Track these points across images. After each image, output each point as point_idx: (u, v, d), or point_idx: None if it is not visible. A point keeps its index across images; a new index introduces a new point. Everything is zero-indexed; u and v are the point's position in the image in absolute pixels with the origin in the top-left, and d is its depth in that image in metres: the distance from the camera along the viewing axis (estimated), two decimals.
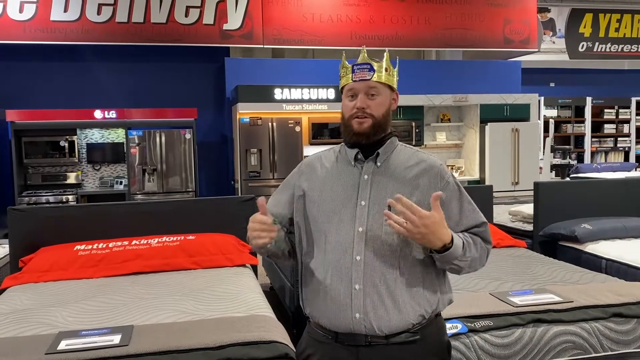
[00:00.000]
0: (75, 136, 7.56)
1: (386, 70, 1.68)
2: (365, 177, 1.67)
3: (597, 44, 10.26)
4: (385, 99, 1.69)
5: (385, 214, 1.51)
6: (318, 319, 1.69)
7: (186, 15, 7.43)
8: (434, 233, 1.52)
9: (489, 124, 8.27)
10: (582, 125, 10.65)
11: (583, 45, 10.22)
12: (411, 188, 1.65)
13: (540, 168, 8.38)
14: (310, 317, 1.74)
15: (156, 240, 3.52)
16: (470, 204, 1.72)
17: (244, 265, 3.52)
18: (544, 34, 9.97)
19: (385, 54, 1.70)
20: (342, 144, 1.77)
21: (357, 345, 1.63)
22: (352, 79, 1.67)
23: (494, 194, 4.64)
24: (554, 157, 8.96)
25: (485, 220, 1.73)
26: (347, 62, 1.70)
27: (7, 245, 3.73)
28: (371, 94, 1.66)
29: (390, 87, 1.71)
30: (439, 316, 1.74)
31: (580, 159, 10.60)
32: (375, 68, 1.66)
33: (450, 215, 1.67)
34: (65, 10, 7.07)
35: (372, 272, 1.60)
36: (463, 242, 1.61)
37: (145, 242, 3.50)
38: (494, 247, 3.88)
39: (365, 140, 1.67)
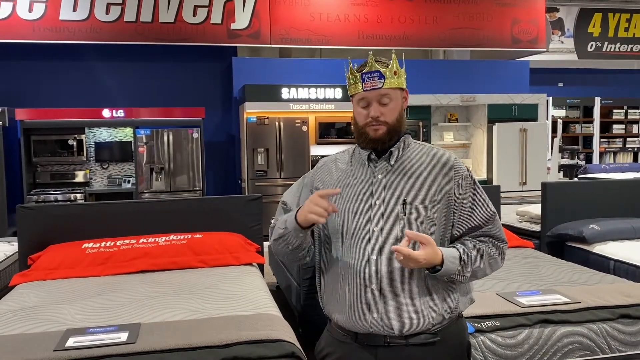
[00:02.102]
0: (84, 135, 7.61)
1: (395, 73, 1.66)
2: (379, 176, 1.68)
3: (606, 43, 10.20)
4: (397, 103, 1.68)
5: (395, 249, 1.53)
6: (337, 319, 1.69)
7: (194, 15, 7.46)
8: (428, 263, 1.57)
9: (496, 124, 8.24)
10: (591, 125, 10.59)
11: (592, 45, 10.15)
12: (425, 185, 1.66)
13: (548, 168, 8.34)
14: (329, 317, 1.74)
15: (163, 238, 3.53)
16: (483, 199, 1.71)
17: (250, 264, 3.53)
18: (553, 33, 9.91)
19: (392, 56, 1.68)
20: (356, 145, 1.77)
21: (376, 346, 1.63)
22: (362, 89, 1.65)
23: (502, 194, 4.62)
24: (562, 158, 8.92)
25: (494, 210, 1.72)
26: (354, 70, 1.68)
27: (16, 243, 3.76)
28: (383, 102, 1.65)
29: (401, 89, 1.69)
30: (461, 318, 1.73)
31: (588, 159, 10.55)
32: (385, 75, 1.63)
33: (462, 211, 1.68)
34: (74, 10, 7.11)
35: (389, 271, 1.60)
36: (461, 257, 1.61)
37: (153, 240, 3.51)
38: None
39: (381, 147, 1.68)
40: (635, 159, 10.90)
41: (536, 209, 4.66)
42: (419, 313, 1.61)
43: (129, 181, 7.75)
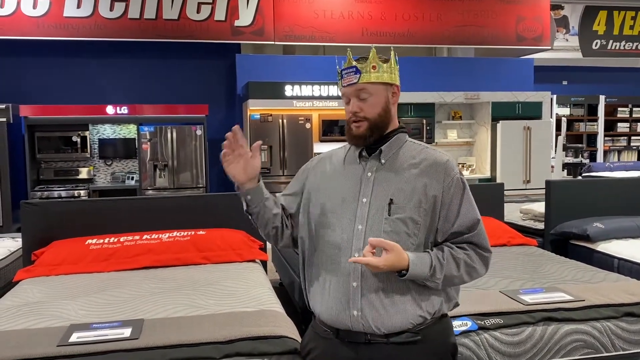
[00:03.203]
0: (88, 131, 7.62)
1: (374, 68, 1.64)
2: (369, 174, 1.67)
3: (611, 41, 10.15)
4: (378, 99, 1.66)
5: (352, 261, 1.57)
6: (319, 314, 1.70)
7: (198, 12, 7.45)
8: (392, 268, 1.56)
9: (500, 121, 8.22)
10: (595, 123, 10.55)
11: (597, 43, 10.11)
12: (414, 186, 1.64)
13: (552, 167, 8.32)
14: (313, 313, 1.75)
15: (167, 235, 3.54)
16: (470, 205, 1.68)
17: (253, 261, 3.54)
18: (557, 31, 9.87)
19: (371, 51, 1.66)
20: None
21: (357, 343, 1.63)
22: (342, 85, 1.68)
23: (505, 192, 4.61)
24: (566, 156, 8.90)
25: (479, 218, 1.69)
26: (339, 68, 1.71)
27: (20, 239, 3.77)
28: (361, 97, 1.65)
29: (385, 84, 1.66)
30: (445, 317, 1.71)
31: (592, 157, 10.51)
32: (361, 70, 1.63)
33: (448, 216, 1.65)
34: (78, 7, 7.12)
35: (370, 270, 1.59)
36: (432, 263, 1.59)
37: (156, 237, 3.52)
38: (504, 245, 3.89)
39: (362, 143, 1.67)
40: (639, 157, 10.85)
41: (540, 207, 4.65)
42: (399, 313, 1.60)
43: (132, 178, 7.76)
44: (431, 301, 1.64)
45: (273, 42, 7.79)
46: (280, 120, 7.55)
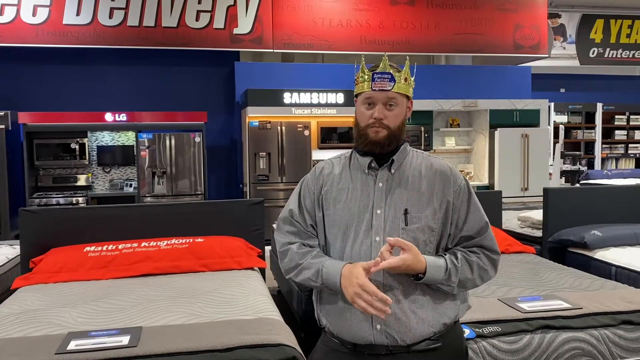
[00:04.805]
0: (86, 139, 7.62)
1: (405, 80, 1.65)
2: (380, 184, 1.66)
3: (608, 49, 10.20)
4: (402, 110, 1.68)
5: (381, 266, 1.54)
6: (337, 331, 1.66)
7: (197, 20, 7.48)
8: (410, 269, 1.56)
9: (498, 129, 8.25)
10: (593, 131, 10.59)
11: (594, 51, 10.16)
12: (426, 196, 1.65)
13: (550, 174, 8.33)
14: (326, 329, 1.72)
15: (165, 242, 3.54)
16: (477, 209, 1.71)
17: (252, 269, 3.53)
18: (555, 39, 9.92)
19: (406, 62, 1.67)
20: (352, 150, 1.75)
21: (377, 355, 1.61)
22: (371, 88, 1.63)
23: (503, 200, 4.62)
24: (564, 163, 8.92)
25: (487, 221, 1.72)
26: (366, 68, 1.67)
27: (18, 246, 3.77)
28: (390, 104, 1.64)
29: (407, 96, 1.69)
30: (458, 322, 1.73)
31: (590, 165, 10.54)
32: (395, 78, 1.63)
33: (457, 222, 1.68)
34: (78, 14, 7.15)
35: (392, 282, 1.59)
36: (447, 267, 1.60)
37: (155, 244, 3.52)
38: (502, 252, 3.89)
39: (379, 150, 1.66)
40: (637, 165, 10.88)
41: (538, 215, 4.66)
42: (423, 323, 1.60)
43: (131, 185, 7.76)
44: (451, 307, 1.66)
45: (272, 50, 7.82)
46: (279, 128, 7.57)
